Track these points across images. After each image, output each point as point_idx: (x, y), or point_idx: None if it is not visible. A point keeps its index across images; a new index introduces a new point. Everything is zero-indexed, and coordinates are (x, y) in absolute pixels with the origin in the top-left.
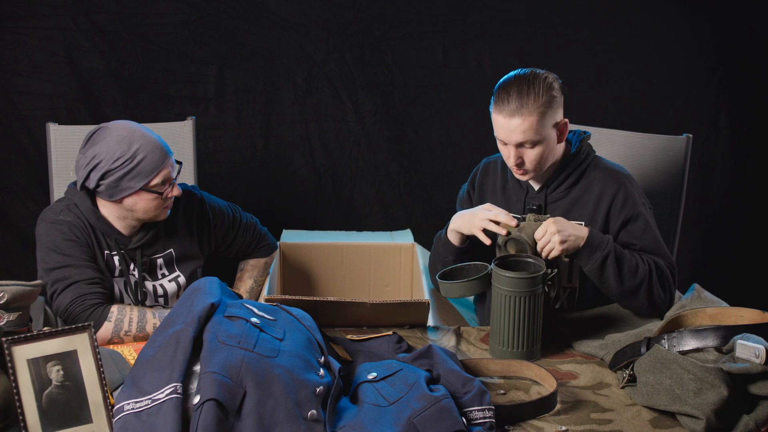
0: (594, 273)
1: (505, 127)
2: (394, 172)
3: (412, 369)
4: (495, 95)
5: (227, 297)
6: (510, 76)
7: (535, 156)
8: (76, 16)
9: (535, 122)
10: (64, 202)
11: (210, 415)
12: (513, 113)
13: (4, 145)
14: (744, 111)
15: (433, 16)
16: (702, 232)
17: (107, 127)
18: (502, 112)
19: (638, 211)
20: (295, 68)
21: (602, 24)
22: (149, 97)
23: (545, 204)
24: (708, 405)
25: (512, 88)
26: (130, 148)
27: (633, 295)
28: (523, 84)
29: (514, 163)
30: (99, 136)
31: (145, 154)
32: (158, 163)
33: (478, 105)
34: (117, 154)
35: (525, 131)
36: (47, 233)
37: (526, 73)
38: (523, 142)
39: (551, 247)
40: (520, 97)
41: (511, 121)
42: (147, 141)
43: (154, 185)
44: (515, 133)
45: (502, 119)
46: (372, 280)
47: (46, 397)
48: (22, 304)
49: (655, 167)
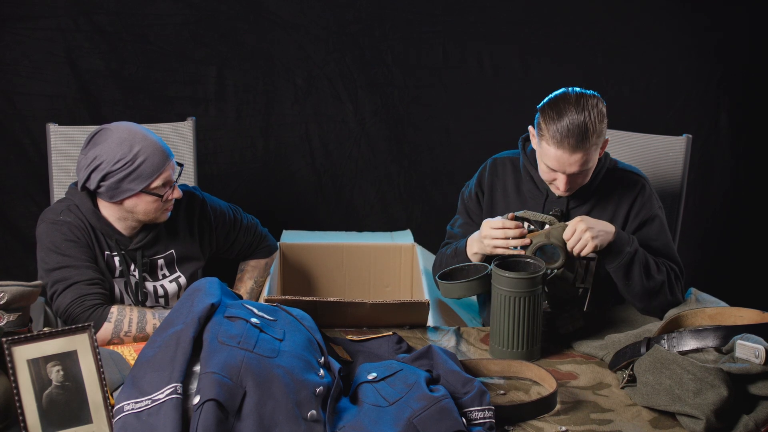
0: (620, 270)
1: (561, 160)
2: (394, 172)
3: (412, 369)
4: (548, 121)
5: (227, 297)
6: (564, 104)
7: (584, 180)
8: (76, 16)
9: (592, 153)
10: (65, 203)
11: (210, 416)
12: (575, 149)
13: (4, 146)
14: (744, 111)
15: (433, 16)
16: (702, 232)
17: (109, 128)
18: (561, 146)
19: (654, 214)
20: (295, 68)
21: (602, 24)
22: (149, 98)
23: (567, 209)
24: (708, 405)
25: (572, 120)
26: (131, 150)
27: (655, 294)
28: (581, 113)
29: (564, 190)
30: (100, 138)
31: (146, 157)
32: (159, 166)
33: (478, 105)
34: (118, 156)
35: (582, 164)
36: (47, 234)
37: (582, 101)
38: (579, 171)
39: (583, 244)
40: (580, 131)
41: (572, 157)
42: (148, 143)
43: (154, 188)
44: (574, 165)
45: (560, 153)
46: (372, 280)
47: (46, 398)
48: (22, 305)
49: (655, 167)
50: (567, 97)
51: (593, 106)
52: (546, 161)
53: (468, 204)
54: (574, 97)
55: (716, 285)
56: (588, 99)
